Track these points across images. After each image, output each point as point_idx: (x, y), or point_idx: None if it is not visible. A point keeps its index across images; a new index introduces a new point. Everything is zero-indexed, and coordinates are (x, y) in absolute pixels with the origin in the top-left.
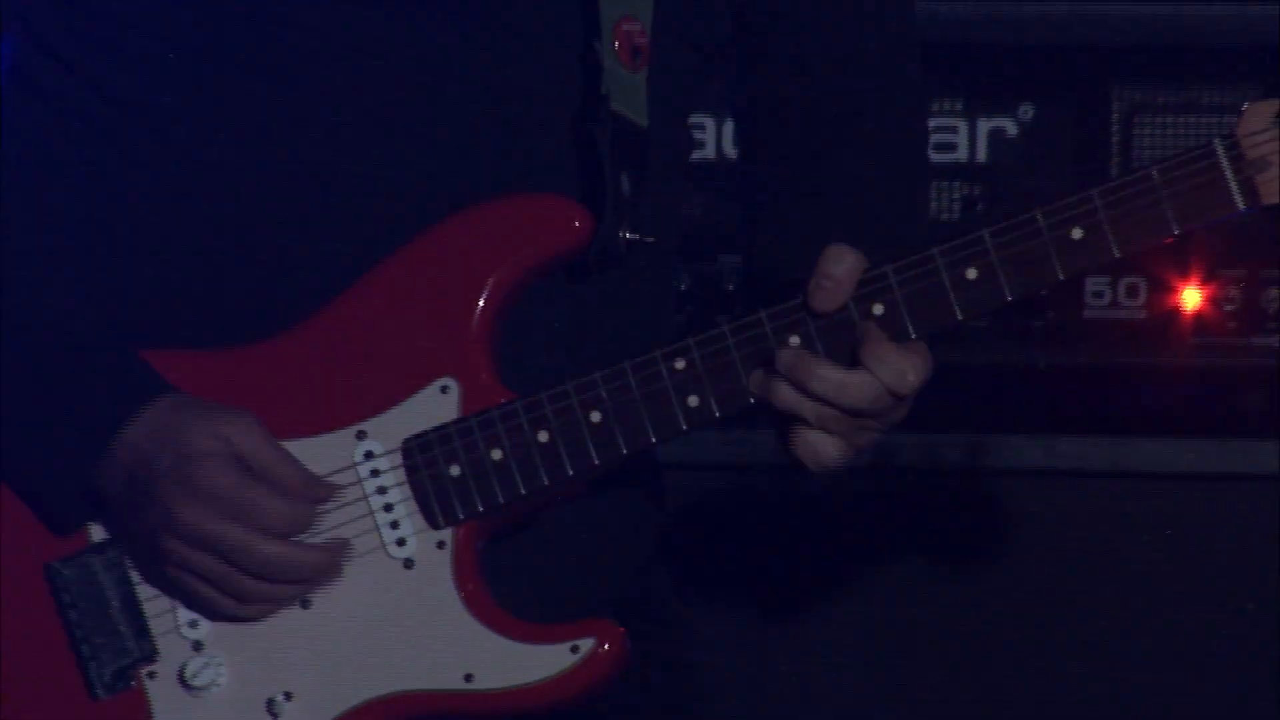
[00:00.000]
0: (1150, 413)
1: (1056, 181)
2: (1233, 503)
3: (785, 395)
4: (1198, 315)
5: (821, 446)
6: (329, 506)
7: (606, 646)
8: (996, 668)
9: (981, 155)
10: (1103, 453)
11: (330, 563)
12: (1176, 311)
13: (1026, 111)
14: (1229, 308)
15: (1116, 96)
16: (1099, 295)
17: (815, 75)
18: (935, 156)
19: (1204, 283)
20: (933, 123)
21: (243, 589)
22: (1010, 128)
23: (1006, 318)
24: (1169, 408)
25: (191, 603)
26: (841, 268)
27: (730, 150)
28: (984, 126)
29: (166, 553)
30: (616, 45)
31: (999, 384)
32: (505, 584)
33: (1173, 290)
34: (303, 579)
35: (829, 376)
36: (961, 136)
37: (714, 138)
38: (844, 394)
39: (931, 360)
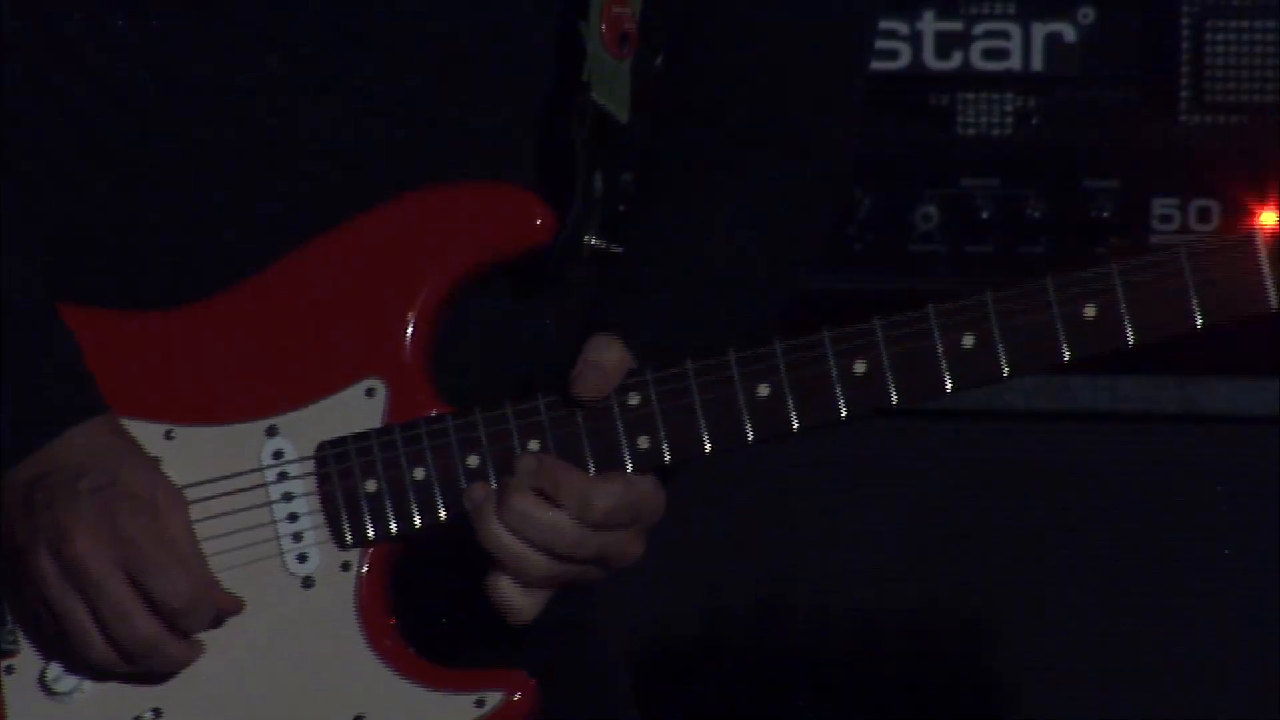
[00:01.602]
0: (1225, 350)
1: (1120, 93)
2: None
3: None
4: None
5: (510, 597)
6: (227, 507)
7: (517, 698)
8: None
9: (1036, 63)
10: (1170, 395)
11: (183, 665)
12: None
13: (1086, 14)
14: None
15: None
16: (1166, 219)
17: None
18: (986, 65)
19: None
20: (983, 27)
21: (89, 648)
22: (1069, 33)
23: (1067, 246)
24: (1244, 344)
25: (28, 631)
26: (610, 355)
27: None
28: (1039, 31)
29: (36, 570)
30: (604, 29)
31: None
32: (420, 611)
33: (1248, 213)
34: (150, 669)
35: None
36: (1015, 43)
37: None
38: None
39: (645, 496)
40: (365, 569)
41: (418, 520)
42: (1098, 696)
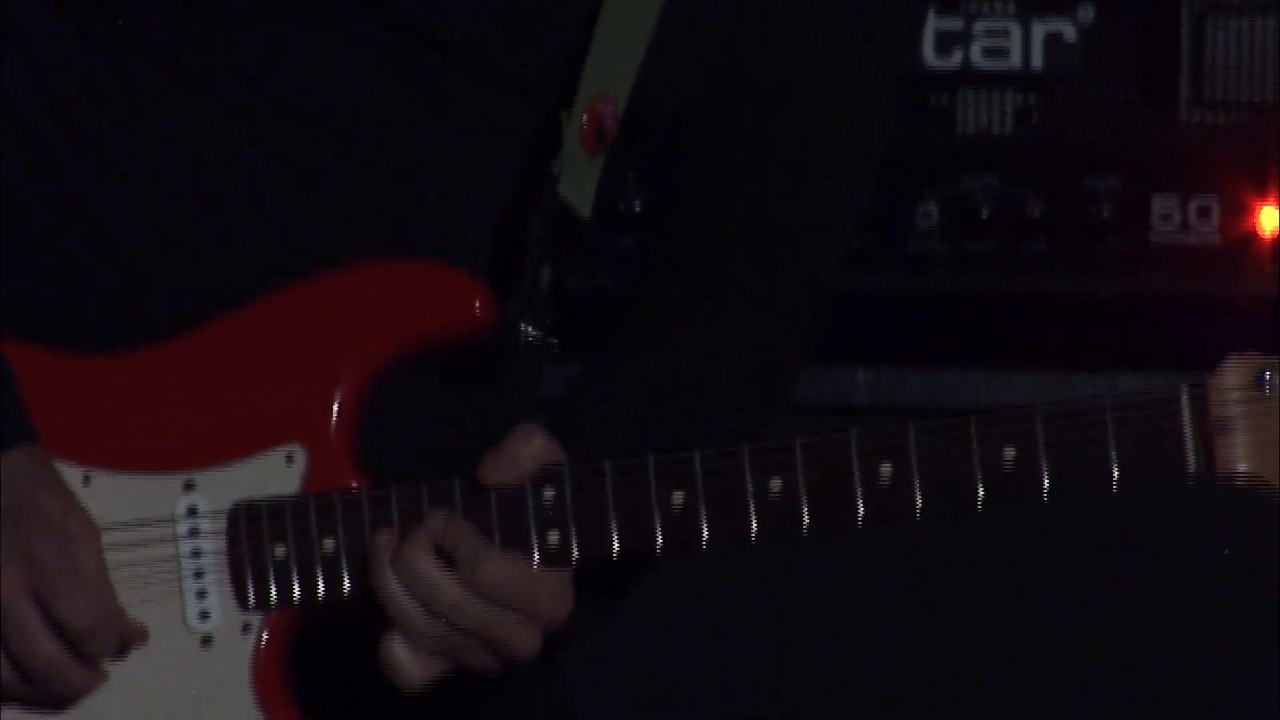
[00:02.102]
0: (1224, 348)
1: (1120, 91)
2: None
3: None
4: (1277, 239)
5: (398, 656)
6: (136, 557)
7: None
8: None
9: (1036, 62)
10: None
11: (83, 690)
12: (1253, 235)
13: (1087, 13)
14: None
15: None
16: (1167, 218)
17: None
18: (985, 63)
19: None
20: (982, 25)
21: None
22: (1069, 31)
23: (1064, 242)
24: (1246, 342)
25: None
26: (528, 446)
27: None
28: (1039, 30)
29: None
30: (584, 122)
31: (1057, 317)
32: (322, 678)
33: (1249, 211)
34: (49, 691)
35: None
36: (1014, 41)
37: None
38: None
39: (541, 585)
40: (265, 633)
41: (322, 590)
42: (1097, 696)
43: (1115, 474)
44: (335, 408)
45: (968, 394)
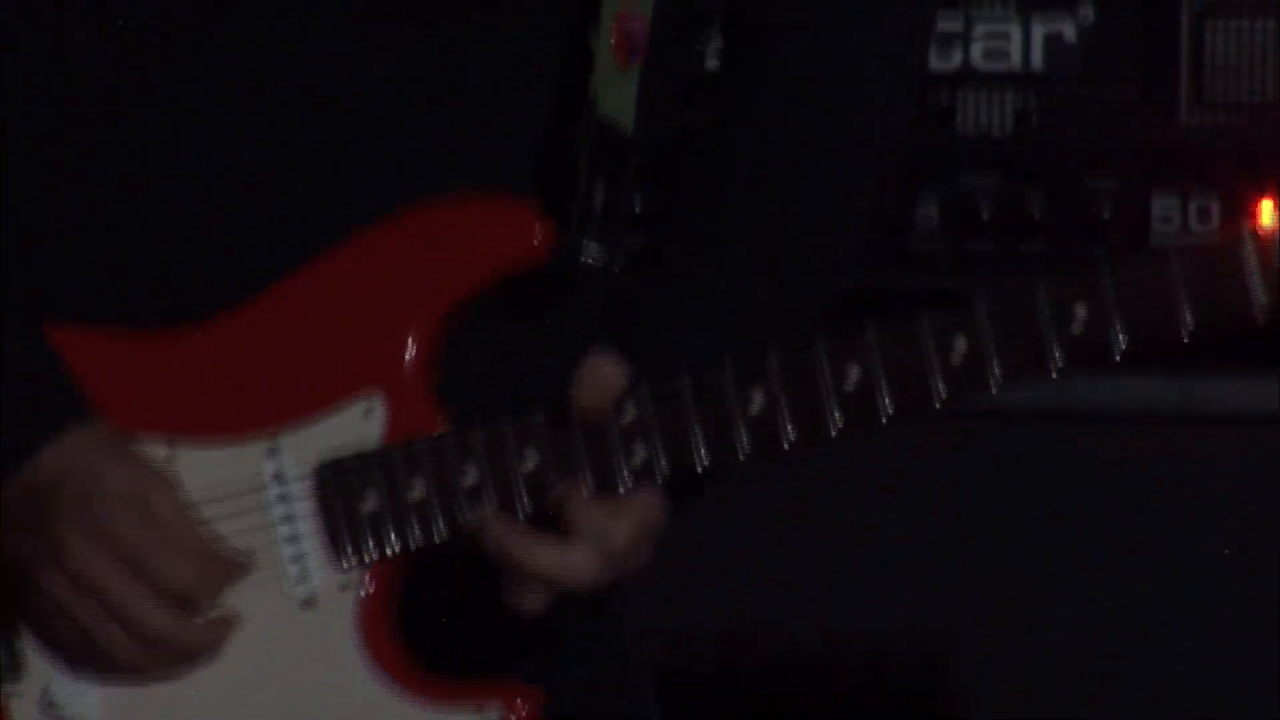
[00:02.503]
0: (1225, 349)
1: (1120, 92)
2: None
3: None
4: (1276, 239)
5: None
6: (227, 528)
7: (517, 702)
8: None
9: (1036, 63)
10: (1171, 394)
11: (212, 644)
12: (1254, 234)
13: (1086, 14)
14: None
15: None
16: (1166, 219)
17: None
18: (985, 64)
19: None
20: (983, 27)
21: (114, 651)
22: (1069, 32)
23: (1064, 242)
24: (1245, 343)
25: (55, 652)
26: (608, 371)
27: None
28: (1039, 30)
29: (44, 590)
30: (614, 41)
31: None
32: (421, 632)
33: (1251, 210)
34: (177, 656)
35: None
36: (1014, 42)
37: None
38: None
39: (651, 514)
40: (365, 590)
41: (417, 539)
42: (1098, 696)
43: (1188, 320)
44: (409, 353)
45: (1007, 397)
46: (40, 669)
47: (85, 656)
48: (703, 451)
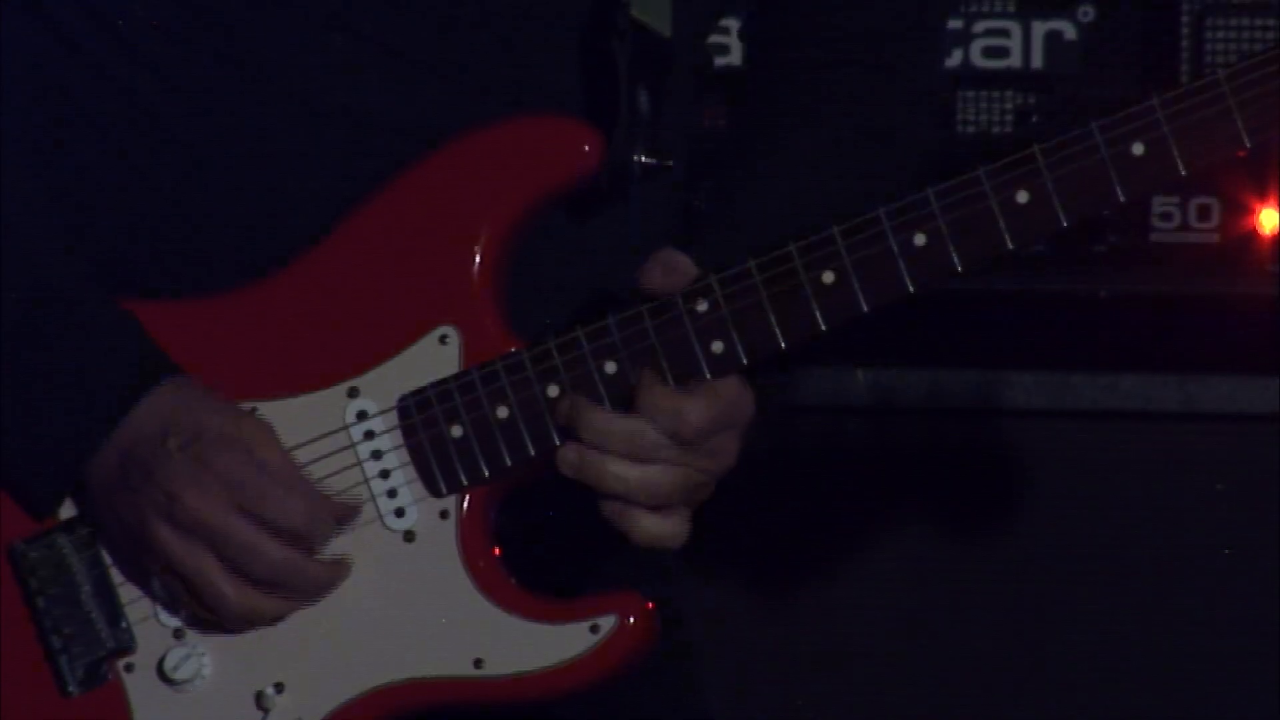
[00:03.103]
0: (1224, 347)
1: (1120, 91)
2: None
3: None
4: (1277, 239)
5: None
6: (319, 473)
7: (631, 622)
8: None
9: (1037, 61)
10: (1171, 392)
11: (331, 582)
12: (1253, 234)
13: (1086, 12)
14: None
15: None
16: (1167, 217)
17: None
18: (985, 63)
19: None
20: (983, 25)
21: (222, 598)
22: (1068, 30)
23: (1066, 243)
24: (1245, 342)
25: (167, 603)
26: (675, 256)
27: None
28: (1039, 29)
29: (155, 542)
30: None
31: (1057, 316)
32: (522, 551)
33: (1249, 211)
34: (297, 596)
35: (597, 424)
36: (1015, 41)
37: (739, 44)
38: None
39: (730, 400)
40: (463, 514)
41: (507, 459)
42: (1097, 695)
43: (1246, 142)
44: (475, 279)
45: (966, 394)
46: (153, 639)
47: (203, 609)
48: (777, 332)
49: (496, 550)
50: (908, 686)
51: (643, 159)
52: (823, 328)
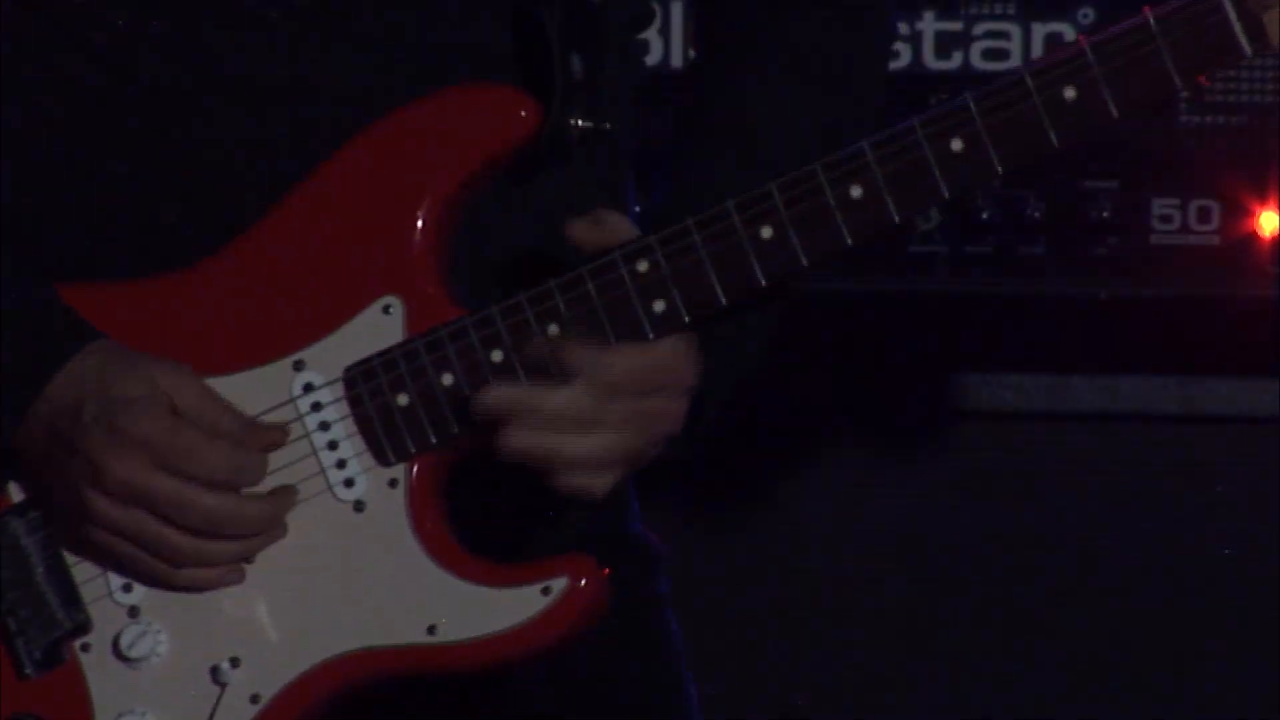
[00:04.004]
0: (1223, 349)
1: None
2: None
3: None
4: (1277, 241)
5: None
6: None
7: (582, 585)
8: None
9: None
10: (1171, 394)
11: (274, 516)
12: (1253, 237)
13: (1087, 14)
14: None
15: None
16: (1167, 219)
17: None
18: (986, 65)
19: None
20: (983, 27)
21: (177, 549)
22: (1069, 33)
23: (1065, 245)
24: (1245, 344)
25: (121, 568)
26: (612, 216)
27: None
28: (1040, 31)
29: (92, 512)
30: None
31: (1056, 318)
32: (469, 520)
33: (1249, 214)
34: (242, 535)
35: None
36: (1015, 43)
37: (660, 48)
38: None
39: (664, 357)
40: (412, 482)
41: (454, 426)
42: (1096, 696)
43: (1177, 82)
44: (417, 248)
45: (967, 396)
46: (108, 618)
47: (149, 568)
48: (718, 287)
49: (445, 516)
50: (904, 687)
51: (580, 122)
52: (762, 282)
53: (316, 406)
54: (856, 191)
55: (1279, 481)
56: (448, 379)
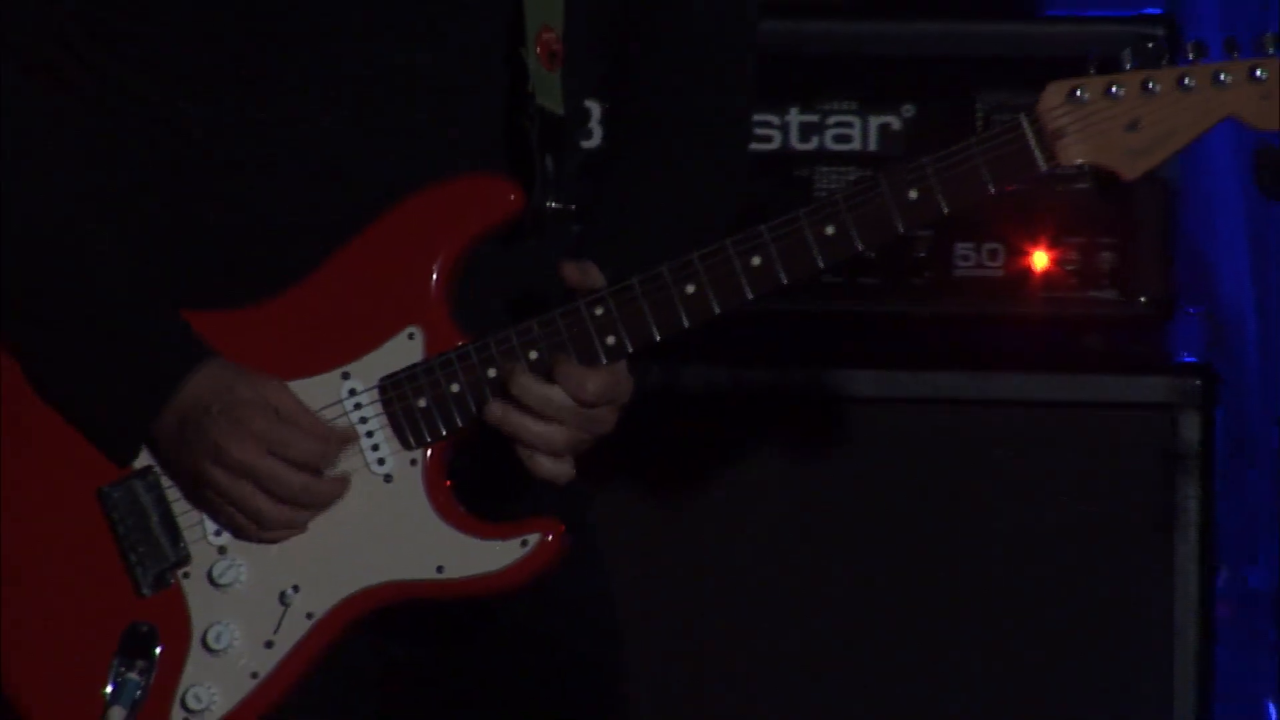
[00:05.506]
0: (1008, 352)
1: None
2: (1073, 426)
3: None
4: (1046, 274)
5: (548, 467)
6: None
7: (549, 540)
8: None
9: (872, 145)
10: (972, 384)
11: (339, 493)
12: (1028, 270)
13: (909, 110)
14: (1070, 268)
15: (980, 99)
16: (966, 257)
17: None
18: (836, 147)
19: (1050, 247)
20: (833, 119)
21: (269, 514)
22: (895, 123)
23: (893, 276)
24: (1023, 348)
25: (218, 519)
26: (593, 270)
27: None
28: (874, 122)
29: (210, 481)
30: (539, 51)
31: (887, 330)
32: (469, 490)
33: (1025, 253)
34: (316, 506)
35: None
36: (856, 130)
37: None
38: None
39: (619, 379)
40: (428, 461)
41: (458, 421)
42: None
43: (991, 188)
44: (434, 292)
45: (856, 385)
46: (203, 554)
47: (244, 526)
48: (653, 328)
49: (450, 485)
50: (893, 687)
51: (552, 205)
52: (686, 325)
53: (358, 406)
54: (756, 260)
55: (1052, 452)
56: (455, 388)
